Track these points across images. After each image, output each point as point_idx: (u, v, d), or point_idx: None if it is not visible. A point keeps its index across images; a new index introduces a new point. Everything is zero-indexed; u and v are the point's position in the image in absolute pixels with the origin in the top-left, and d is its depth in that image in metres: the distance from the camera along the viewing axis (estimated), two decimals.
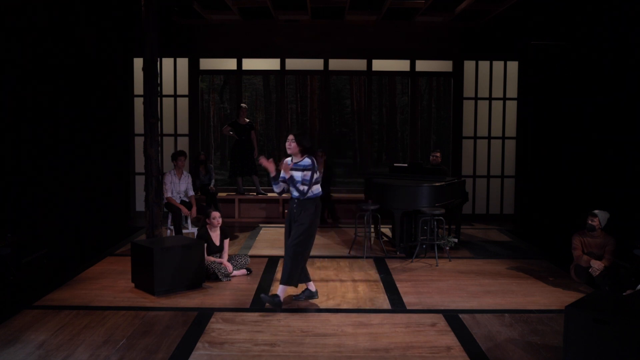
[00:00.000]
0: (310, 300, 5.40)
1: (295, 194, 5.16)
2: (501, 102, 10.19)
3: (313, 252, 7.34)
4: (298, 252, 5.15)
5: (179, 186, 7.79)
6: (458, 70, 10.10)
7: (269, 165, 5.15)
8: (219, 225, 6.32)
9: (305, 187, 5.11)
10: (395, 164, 8.67)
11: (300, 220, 5.17)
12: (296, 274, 5.19)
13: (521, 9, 8.79)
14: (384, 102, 20.54)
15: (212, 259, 6.19)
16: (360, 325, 4.76)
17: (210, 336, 4.50)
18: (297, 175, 5.15)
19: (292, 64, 10.24)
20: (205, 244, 6.11)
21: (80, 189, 8.53)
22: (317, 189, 5.24)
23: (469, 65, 10.12)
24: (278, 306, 5.12)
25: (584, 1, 8.29)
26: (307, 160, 5.16)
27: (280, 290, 5.18)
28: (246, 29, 9.91)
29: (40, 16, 7.53)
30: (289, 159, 5.28)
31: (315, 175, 5.16)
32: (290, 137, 5.18)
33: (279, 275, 6.29)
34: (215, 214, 6.31)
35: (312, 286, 5.47)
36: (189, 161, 9.20)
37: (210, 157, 14.26)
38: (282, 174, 5.18)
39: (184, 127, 10.17)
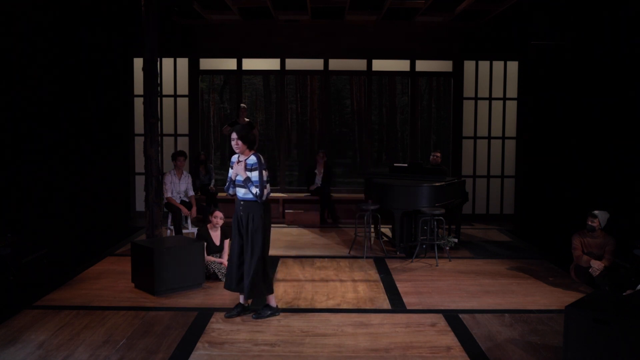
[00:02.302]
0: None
1: (248, 196, 4.83)
2: (501, 102, 10.19)
3: (313, 252, 7.44)
4: (259, 267, 4.88)
5: (179, 186, 7.79)
6: (458, 70, 10.09)
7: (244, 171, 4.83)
8: (219, 225, 6.32)
9: (258, 190, 4.76)
10: (395, 164, 8.67)
11: (252, 231, 4.85)
12: (269, 280, 4.98)
13: (521, 9, 8.79)
14: (384, 102, 20.51)
15: (212, 259, 6.19)
16: (360, 325, 4.76)
17: (210, 336, 4.50)
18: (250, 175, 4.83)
19: (292, 64, 10.24)
20: (205, 244, 6.11)
21: (80, 188, 8.55)
22: (267, 191, 4.88)
23: (468, 65, 10.11)
24: (274, 314, 4.99)
25: (584, 1, 8.29)
26: (252, 158, 4.83)
27: (267, 301, 5.01)
28: (246, 29, 9.90)
29: (41, 16, 7.54)
30: (235, 156, 4.96)
31: (265, 174, 4.81)
32: (234, 135, 4.81)
33: (278, 275, 6.33)
34: (218, 214, 6.31)
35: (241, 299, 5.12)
36: (189, 161, 9.20)
37: (210, 157, 14.25)
38: (239, 177, 4.86)
39: (184, 127, 10.16)
